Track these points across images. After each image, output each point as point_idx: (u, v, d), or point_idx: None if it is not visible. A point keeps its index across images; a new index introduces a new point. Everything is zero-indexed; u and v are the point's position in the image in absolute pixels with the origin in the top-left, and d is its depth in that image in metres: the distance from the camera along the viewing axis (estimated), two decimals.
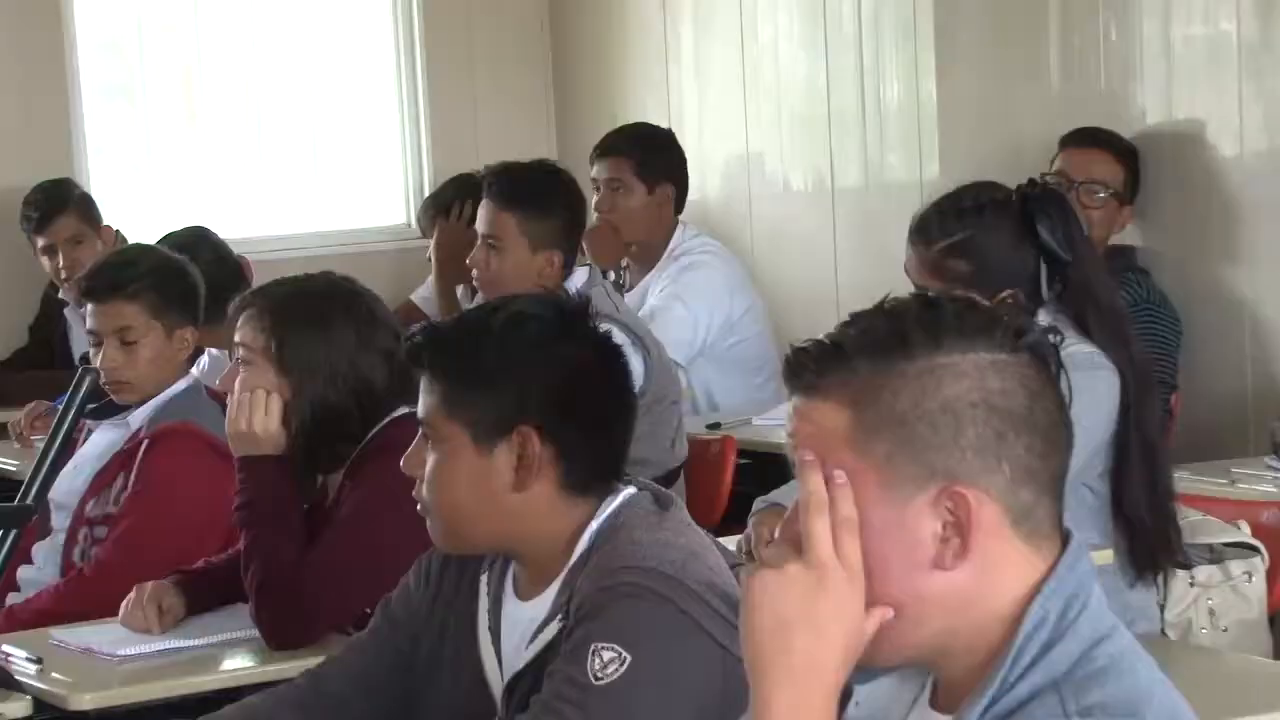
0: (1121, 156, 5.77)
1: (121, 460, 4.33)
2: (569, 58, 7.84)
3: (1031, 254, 4.02)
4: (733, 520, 4.66)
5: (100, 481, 4.35)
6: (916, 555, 1.88)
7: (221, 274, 5.07)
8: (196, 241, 5.59)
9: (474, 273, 5.23)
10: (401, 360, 3.12)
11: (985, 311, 1.96)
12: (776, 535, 1.97)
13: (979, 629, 1.91)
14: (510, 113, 7.84)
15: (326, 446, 3.65)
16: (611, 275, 5.97)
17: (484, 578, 2.87)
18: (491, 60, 7.85)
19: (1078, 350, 3.83)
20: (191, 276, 4.55)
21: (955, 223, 4.04)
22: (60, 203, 6.68)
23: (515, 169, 5.34)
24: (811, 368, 1.93)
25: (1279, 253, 5.70)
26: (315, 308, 3.68)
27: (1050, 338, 1.96)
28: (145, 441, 4.30)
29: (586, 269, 5.21)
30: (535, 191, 5.20)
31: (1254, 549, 3.96)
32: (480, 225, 5.24)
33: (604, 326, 4.74)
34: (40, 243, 6.69)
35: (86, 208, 6.74)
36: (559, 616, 2.73)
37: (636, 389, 4.83)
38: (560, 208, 5.19)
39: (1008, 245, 4.02)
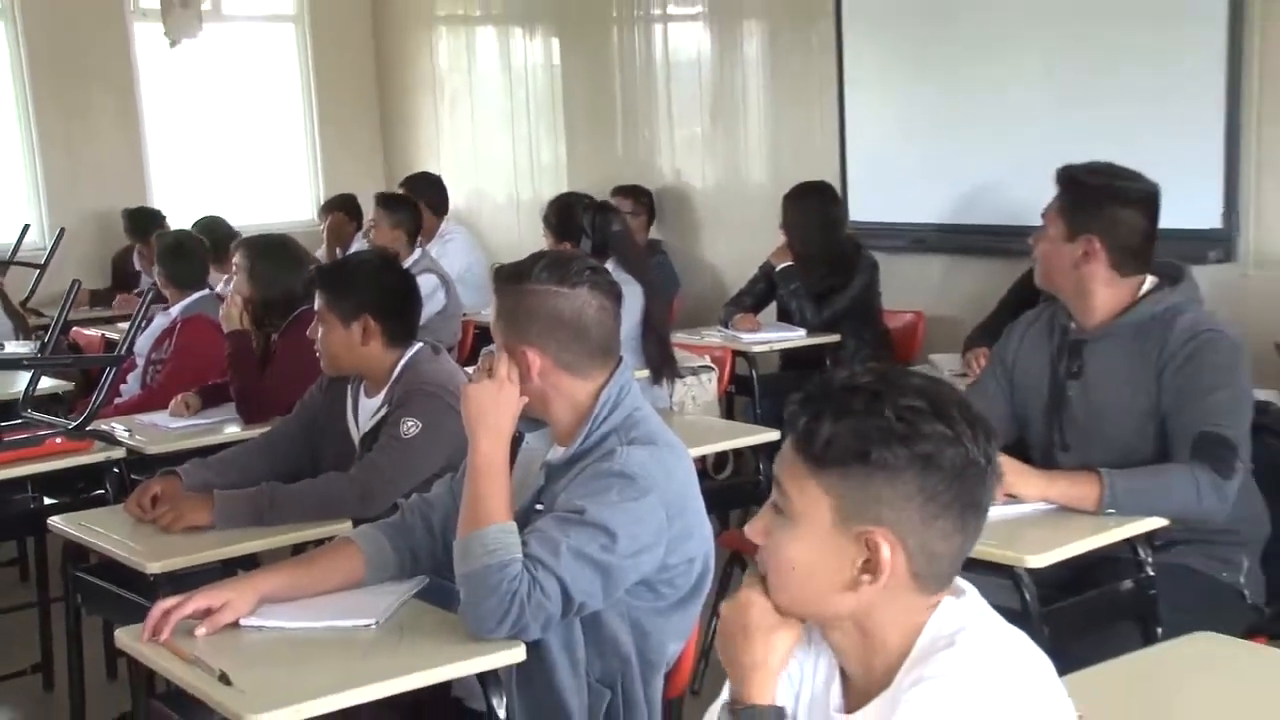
0: (640, 199, 5.74)
1: (168, 332, 4.18)
2: (390, 121, 7.55)
3: (598, 230, 4.11)
4: (472, 359, 4.64)
5: (157, 342, 4.20)
6: (531, 375, 1.90)
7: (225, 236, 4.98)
8: (216, 222, 5.49)
9: (368, 242, 5.17)
10: (308, 282, 3.04)
11: (569, 260, 1.95)
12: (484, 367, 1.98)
13: (574, 406, 1.94)
14: (361, 154, 7.51)
15: (270, 318, 3.54)
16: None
17: (349, 387, 2.83)
18: (353, 126, 7.50)
19: (621, 276, 3.87)
20: (180, 259, 4.27)
21: (562, 212, 4.34)
22: (140, 233, 6.16)
23: (386, 195, 5.40)
24: (494, 285, 1.94)
25: (719, 236, 5.81)
26: (267, 250, 3.58)
27: (602, 276, 1.94)
28: (179, 322, 4.16)
29: (420, 249, 5.15)
30: (394, 203, 5.22)
31: (711, 367, 4.08)
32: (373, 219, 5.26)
33: (427, 274, 4.77)
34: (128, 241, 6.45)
35: (137, 233, 6.22)
36: (386, 406, 2.71)
37: (440, 308, 4.89)
38: (405, 211, 5.19)
39: (586, 224, 4.13)
